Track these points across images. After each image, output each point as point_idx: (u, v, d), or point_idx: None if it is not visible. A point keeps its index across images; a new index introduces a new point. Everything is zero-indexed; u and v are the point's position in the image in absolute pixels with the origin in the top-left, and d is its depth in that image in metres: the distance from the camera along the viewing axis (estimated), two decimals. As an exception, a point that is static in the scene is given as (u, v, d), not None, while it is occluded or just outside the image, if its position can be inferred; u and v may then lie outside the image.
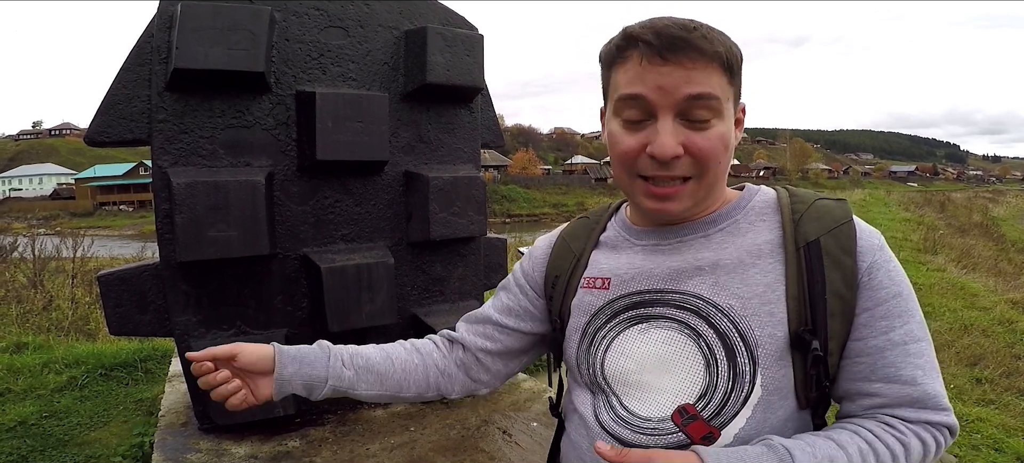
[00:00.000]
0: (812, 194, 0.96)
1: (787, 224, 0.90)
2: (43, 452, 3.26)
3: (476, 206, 2.89)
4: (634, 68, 0.85)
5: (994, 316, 6.11)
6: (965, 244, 12.11)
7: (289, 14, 2.51)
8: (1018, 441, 3.56)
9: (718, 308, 0.88)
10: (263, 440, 2.49)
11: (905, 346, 0.85)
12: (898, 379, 0.85)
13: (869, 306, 0.86)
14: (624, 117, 0.88)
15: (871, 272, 0.86)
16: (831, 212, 0.90)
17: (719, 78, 0.84)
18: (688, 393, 0.88)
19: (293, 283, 2.64)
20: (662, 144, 0.83)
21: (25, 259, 9.00)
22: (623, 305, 0.96)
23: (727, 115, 0.87)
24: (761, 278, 0.88)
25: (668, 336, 0.90)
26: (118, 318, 2.43)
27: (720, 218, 0.94)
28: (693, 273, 0.91)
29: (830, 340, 0.85)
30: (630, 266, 0.98)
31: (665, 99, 0.83)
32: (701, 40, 0.82)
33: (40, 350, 4.81)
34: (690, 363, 0.89)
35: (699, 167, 0.86)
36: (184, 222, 2.25)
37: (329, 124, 2.46)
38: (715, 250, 0.92)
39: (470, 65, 2.80)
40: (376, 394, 1.09)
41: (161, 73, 2.31)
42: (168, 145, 2.35)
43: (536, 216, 57.08)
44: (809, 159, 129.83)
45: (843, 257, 0.86)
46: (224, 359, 0.98)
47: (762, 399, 0.85)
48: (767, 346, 0.85)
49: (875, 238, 0.89)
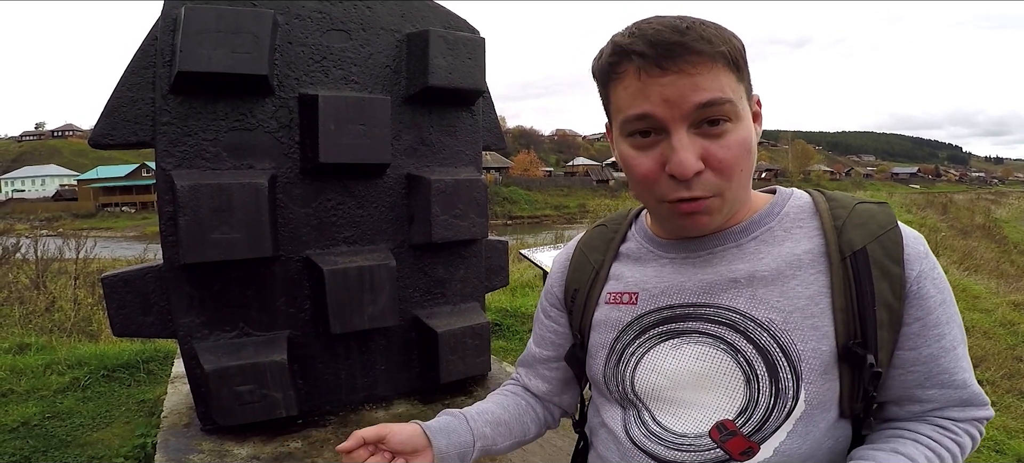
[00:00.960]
0: (850, 198, 0.91)
1: (829, 231, 0.85)
2: (46, 453, 3.27)
3: (478, 208, 2.90)
4: (633, 84, 0.79)
5: (996, 318, 6.10)
6: (967, 246, 12.09)
7: (292, 17, 2.52)
8: (1019, 443, 3.56)
9: (757, 322, 0.84)
10: (265, 441, 2.50)
11: (954, 351, 0.85)
12: (952, 384, 0.85)
13: (920, 315, 0.83)
14: (634, 137, 0.82)
15: (920, 281, 0.83)
16: (875, 217, 0.86)
17: (727, 77, 0.78)
18: (727, 409, 0.85)
19: (296, 285, 2.65)
20: (681, 162, 0.77)
21: (28, 260, 9.02)
22: (652, 320, 0.92)
23: (743, 115, 0.80)
24: (803, 290, 0.83)
25: (702, 351, 0.87)
26: (121, 320, 2.44)
27: (752, 226, 0.89)
28: (727, 286, 0.87)
29: (880, 351, 0.83)
30: (659, 280, 0.93)
31: (674, 112, 0.77)
32: (698, 41, 0.76)
33: (43, 351, 4.82)
34: (729, 379, 0.85)
35: (723, 179, 0.80)
36: (188, 224, 2.26)
37: (332, 127, 2.47)
38: (750, 261, 0.87)
39: (472, 68, 2.81)
40: (511, 444, 1.10)
41: (165, 76, 2.33)
42: (172, 148, 2.36)
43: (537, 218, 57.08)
44: (811, 161, 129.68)
45: (891, 266, 0.83)
46: (373, 440, 0.93)
47: (805, 413, 0.83)
48: (812, 361, 0.82)
49: (920, 244, 0.86)
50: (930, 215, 18.22)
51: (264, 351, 2.49)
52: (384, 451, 0.94)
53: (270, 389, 2.45)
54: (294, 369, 2.62)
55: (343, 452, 0.91)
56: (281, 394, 2.47)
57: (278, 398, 2.47)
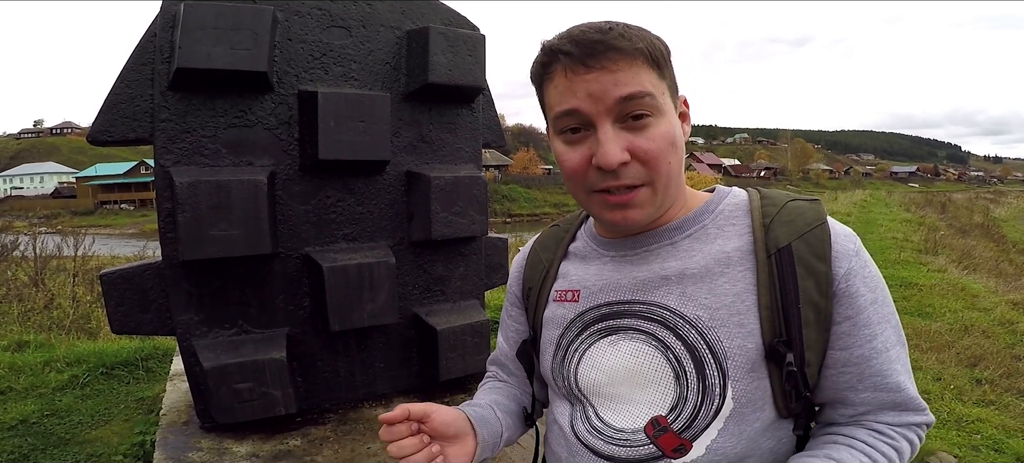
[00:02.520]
0: (784, 195, 0.92)
1: (757, 229, 0.86)
2: (45, 450, 3.27)
3: (477, 206, 2.89)
4: (562, 82, 0.83)
5: (994, 317, 6.10)
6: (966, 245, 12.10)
7: (291, 14, 2.52)
8: (1018, 442, 3.56)
9: (685, 319, 0.85)
10: (264, 439, 2.49)
11: (887, 352, 0.84)
12: (885, 387, 0.84)
13: (850, 314, 0.83)
14: (564, 133, 0.86)
15: (848, 279, 0.83)
16: (803, 215, 0.86)
17: (647, 74, 0.81)
18: (660, 405, 0.86)
19: (295, 282, 2.64)
20: (606, 153, 0.80)
21: (26, 258, 9.01)
22: (592, 317, 0.94)
23: (666, 110, 0.83)
24: (730, 288, 0.84)
25: (636, 348, 0.88)
26: (120, 317, 2.44)
27: (687, 224, 0.91)
28: (660, 283, 0.89)
29: (807, 350, 0.82)
30: (598, 277, 0.96)
31: (598, 106, 0.81)
32: (619, 39, 0.79)
33: (41, 348, 4.82)
34: (660, 375, 0.86)
35: (649, 170, 0.83)
36: (187, 221, 2.26)
37: (331, 124, 2.47)
38: (682, 258, 0.89)
39: (472, 65, 2.81)
40: (519, 433, 1.13)
41: (164, 72, 2.32)
42: (171, 144, 2.35)
43: (537, 216, 57.06)
44: (810, 160, 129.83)
45: (817, 263, 0.82)
46: (419, 418, 0.91)
47: (734, 411, 0.83)
48: (737, 358, 0.82)
49: (850, 242, 0.85)
50: (929, 214, 18.23)
51: (263, 348, 2.48)
52: (425, 433, 0.92)
53: (269, 387, 2.45)
54: (293, 367, 2.61)
55: (386, 422, 0.89)
56: (280, 392, 2.47)
57: (277, 396, 2.47)
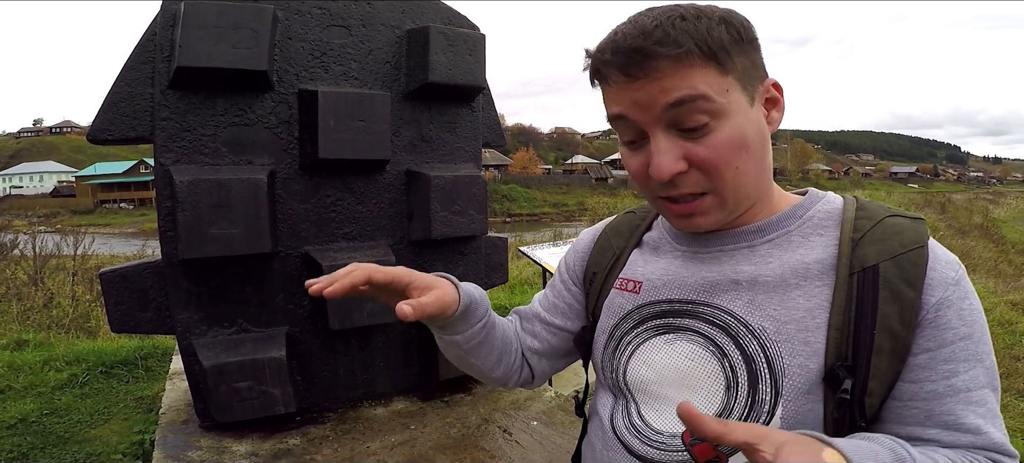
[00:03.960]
0: (883, 209, 0.83)
1: (845, 243, 0.79)
2: (44, 449, 3.27)
3: (477, 205, 2.89)
4: (609, 90, 0.80)
5: (994, 318, 6.12)
6: (965, 245, 12.11)
7: (292, 12, 2.52)
8: (1018, 442, 3.57)
9: (749, 328, 0.80)
10: (264, 438, 2.49)
11: (968, 393, 0.75)
12: (959, 427, 0.75)
13: (931, 347, 0.75)
14: (623, 139, 0.83)
15: (939, 309, 0.75)
16: (900, 234, 0.78)
17: (702, 73, 0.73)
18: (704, 412, 0.82)
19: (295, 281, 2.64)
20: (658, 165, 0.76)
21: (26, 256, 9.02)
22: (651, 312, 0.90)
23: (731, 110, 0.76)
24: (803, 302, 0.78)
25: (693, 351, 0.84)
26: (120, 315, 2.43)
27: (770, 227, 0.85)
28: (729, 287, 0.84)
29: (872, 379, 0.75)
30: (664, 272, 0.91)
31: (646, 115, 0.76)
32: (661, 44, 0.72)
33: (41, 347, 4.82)
34: (711, 382, 0.82)
35: (711, 179, 0.77)
36: (186, 220, 2.25)
37: (331, 123, 2.47)
38: (757, 264, 0.83)
39: (472, 64, 2.81)
40: (495, 357, 1.04)
41: (164, 71, 2.32)
42: (171, 143, 2.35)
43: (536, 215, 57.10)
44: (810, 160, 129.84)
45: (905, 289, 0.75)
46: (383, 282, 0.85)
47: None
48: (794, 377, 0.77)
49: (951, 270, 0.77)
50: (928, 214, 18.25)
51: (263, 347, 2.48)
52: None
53: (269, 386, 2.44)
54: (293, 366, 2.61)
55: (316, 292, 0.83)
56: (280, 391, 2.47)
57: (277, 395, 2.47)
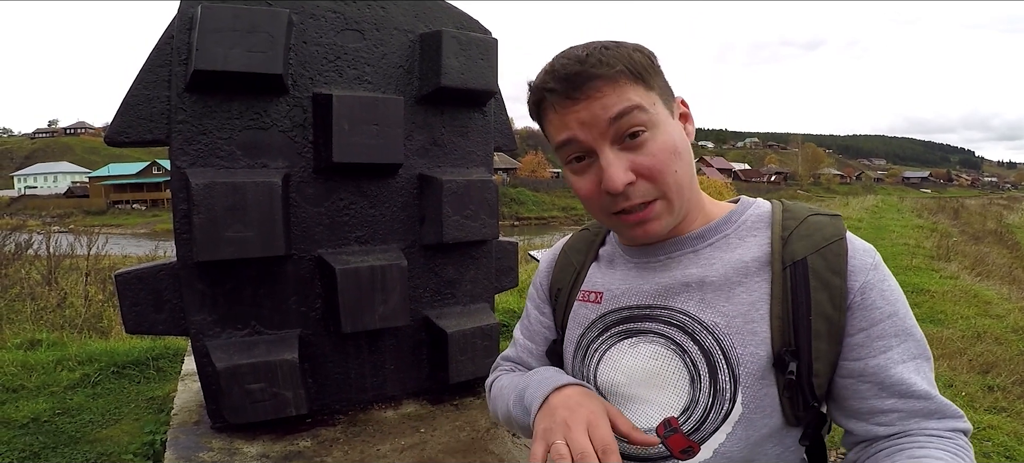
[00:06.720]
0: (805, 209, 0.94)
1: (776, 241, 0.89)
2: (55, 449, 3.29)
3: (489, 209, 2.90)
4: (554, 117, 0.87)
5: (1007, 324, 6.03)
6: (979, 251, 11.98)
7: (306, 17, 2.53)
8: (1032, 450, 3.52)
9: (703, 325, 0.88)
10: (275, 439, 2.50)
11: (906, 363, 0.84)
12: (911, 395, 0.83)
13: (864, 326, 0.84)
14: (570, 162, 0.89)
15: (864, 292, 0.84)
16: (822, 229, 0.88)
17: (633, 89, 0.83)
18: (673, 407, 0.89)
19: (307, 284, 2.66)
20: (611, 178, 0.83)
21: (40, 256, 9.09)
22: (614, 319, 0.97)
23: (661, 120, 0.85)
24: (746, 296, 0.88)
25: (656, 351, 0.92)
26: (134, 316, 2.46)
27: (709, 233, 0.94)
28: (680, 290, 0.92)
29: (815, 361, 0.84)
30: (622, 282, 0.99)
31: (592, 133, 0.83)
32: (597, 66, 0.82)
33: (53, 347, 4.86)
34: (676, 378, 0.90)
35: (657, 185, 0.85)
36: (202, 222, 2.27)
37: (345, 127, 2.48)
38: (703, 267, 0.92)
39: (484, 69, 2.81)
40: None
41: (181, 74, 2.34)
42: (187, 146, 2.37)
43: (545, 219, 57.05)
44: (821, 164, 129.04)
45: (832, 277, 0.85)
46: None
47: (743, 417, 0.86)
48: (748, 365, 0.85)
49: (868, 257, 0.87)
50: (942, 220, 18.07)
51: (275, 349, 2.50)
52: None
53: (281, 387, 2.46)
54: (304, 368, 2.63)
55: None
56: (292, 392, 2.48)
57: (288, 396, 2.48)
